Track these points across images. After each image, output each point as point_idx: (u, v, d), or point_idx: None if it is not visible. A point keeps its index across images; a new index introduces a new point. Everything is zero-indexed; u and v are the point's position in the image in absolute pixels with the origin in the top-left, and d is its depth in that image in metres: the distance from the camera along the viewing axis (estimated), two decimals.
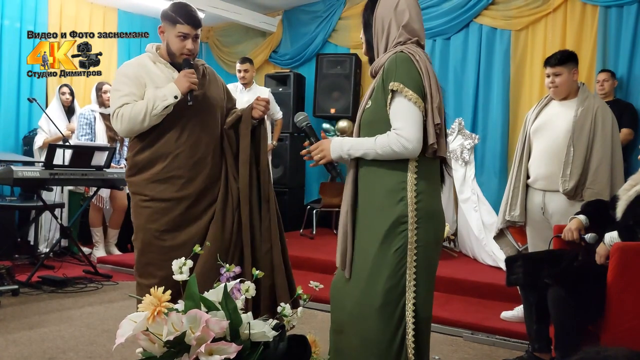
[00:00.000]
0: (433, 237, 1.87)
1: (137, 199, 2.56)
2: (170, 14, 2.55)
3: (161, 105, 2.42)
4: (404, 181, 1.84)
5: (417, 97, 1.80)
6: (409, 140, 1.78)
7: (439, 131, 1.84)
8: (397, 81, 1.81)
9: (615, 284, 2.58)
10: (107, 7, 6.90)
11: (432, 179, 1.90)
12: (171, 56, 2.59)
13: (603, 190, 3.24)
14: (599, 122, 3.30)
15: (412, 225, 1.81)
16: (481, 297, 4.17)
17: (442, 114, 1.86)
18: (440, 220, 1.94)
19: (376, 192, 1.88)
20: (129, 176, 2.58)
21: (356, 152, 1.89)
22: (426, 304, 1.86)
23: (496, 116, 5.82)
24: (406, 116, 1.80)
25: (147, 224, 2.51)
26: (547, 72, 3.46)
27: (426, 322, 1.88)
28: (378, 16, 1.97)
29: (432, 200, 1.88)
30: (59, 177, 4.42)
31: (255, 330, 1.59)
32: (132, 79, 2.52)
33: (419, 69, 1.83)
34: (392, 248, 1.82)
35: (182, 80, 2.46)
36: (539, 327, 2.93)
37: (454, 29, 6.14)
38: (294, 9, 7.45)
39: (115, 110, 2.49)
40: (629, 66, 5.09)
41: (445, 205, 5.44)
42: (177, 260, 1.69)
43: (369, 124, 1.92)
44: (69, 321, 3.65)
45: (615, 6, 5.20)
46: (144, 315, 1.48)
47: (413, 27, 1.94)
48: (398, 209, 1.82)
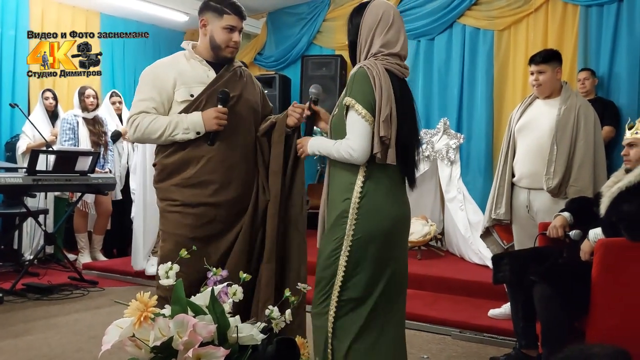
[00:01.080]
0: (372, 233, 2.08)
1: (164, 204, 2.43)
2: (216, 6, 2.44)
3: (180, 136, 2.34)
4: (353, 182, 2.09)
5: (367, 112, 2.02)
6: (354, 149, 2.03)
7: (388, 142, 2.02)
8: (351, 97, 2.05)
9: (599, 280, 2.61)
10: (89, 11, 6.84)
11: (381, 182, 2.10)
12: (215, 50, 2.46)
13: (586, 188, 3.28)
14: (581, 120, 3.33)
15: (352, 221, 2.06)
16: (469, 296, 4.19)
17: (391, 126, 2.02)
18: (384, 218, 2.10)
19: (334, 188, 2.17)
20: (158, 181, 2.46)
21: (323, 151, 2.18)
22: (355, 287, 2.09)
23: (481, 115, 5.85)
24: (355, 129, 2.04)
25: (177, 229, 2.39)
26: (531, 70, 3.49)
27: (355, 302, 2.10)
28: (364, 26, 2.13)
29: (376, 200, 2.08)
30: (43, 183, 4.36)
31: (243, 333, 1.58)
32: (156, 80, 2.41)
33: (373, 85, 2.02)
34: (333, 236, 2.12)
35: (211, 121, 2.34)
36: (525, 324, 2.95)
37: (437, 30, 6.16)
38: (278, 11, 7.44)
39: (132, 116, 2.40)
40: (609, 65, 5.14)
41: (432, 204, 5.48)
42: (164, 265, 1.67)
43: (335, 129, 2.17)
44: (55, 328, 3.61)
45: (596, 5, 5.25)
46: (130, 320, 1.46)
47: (391, 40, 2.11)
48: (343, 205, 2.09)
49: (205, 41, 2.47)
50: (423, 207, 5.41)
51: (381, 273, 2.11)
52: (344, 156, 2.05)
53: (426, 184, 5.43)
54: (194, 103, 2.40)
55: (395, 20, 2.13)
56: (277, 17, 7.46)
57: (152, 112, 2.39)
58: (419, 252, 5.04)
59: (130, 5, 6.55)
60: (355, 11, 2.19)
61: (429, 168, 5.22)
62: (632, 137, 2.83)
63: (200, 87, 2.42)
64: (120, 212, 5.65)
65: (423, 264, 4.84)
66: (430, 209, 5.46)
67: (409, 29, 6.29)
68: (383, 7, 2.13)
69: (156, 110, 2.40)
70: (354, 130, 2.04)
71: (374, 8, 2.13)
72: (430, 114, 6.17)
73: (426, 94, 6.23)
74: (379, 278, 2.10)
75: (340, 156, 2.07)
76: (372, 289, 2.10)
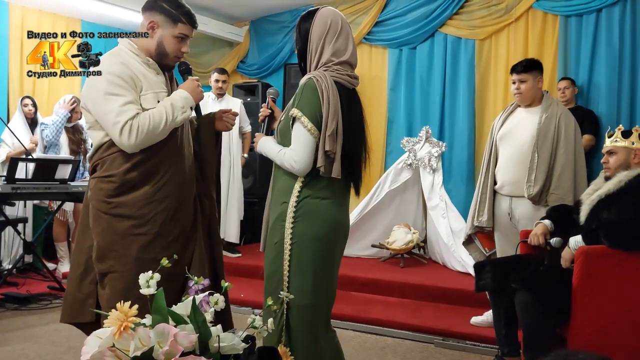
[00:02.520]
0: (308, 237, 2.09)
1: (126, 224, 2.19)
2: (172, 11, 2.26)
3: (181, 117, 2.21)
4: (291, 187, 2.12)
5: (312, 125, 2.05)
6: (297, 161, 2.07)
7: (333, 156, 2.05)
8: (297, 108, 2.07)
9: (580, 287, 2.63)
10: (70, 18, 6.78)
11: (319, 188, 2.11)
12: (161, 56, 2.30)
13: (567, 195, 3.31)
14: (562, 129, 3.37)
15: (289, 225, 2.09)
16: (451, 303, 4.20)
17: (337, 140, 2.05)
18: (321, 222, 2.11)
19: (275, 190, 2.20)
20: (115, 195, 2.20)
21: (268, 154, 2.20)
22: (302, 292, 2.08)
23: (462, 124, 5.90)
24: (299, 141, 2.07)
25: (143, 254, 2.19)
26: (513, 79, 3.53)
27: (305, 308, 2.10)
28: (314, 35, 2.13)
29: (314, 207, 2.10)
30: (22, 191, 4.30)
31: (224, 343, 1.56)
32: (129, 81, 2.19)
33: (321, 98, 2.03)
34: (273, 240, 2.14)
35: (196, 90, 2.29)
36: (507, 332, 2.96)
37: (419, 39, 6.21)
38: (260, 19, 7.44)
39: (127, 122, 2.13)
40: (589, 74, 5.22)
41: (414, 212, 5.50)
42: (144, 274, 1.65)
43: (280, 133, 2.19)
44: (33, 339, 3.55)
45: (575, 15, 5.34)
46: (110, 330, 1.44)
47: (340, 48, 2.13)
48: (280, 208, 2.13)
49: (151, 44, 2.29)
50: (405, 215, 5.43)
51: (323, 278, 2.13)
52: (286, 165, 2.10)
53: (408, 192, 5.45)
54: None
55: (344, 27, 2.14)
56: (260, 25, 7.46)
57: (141, 112, 2.20)
58: (401, 260, 5.05)
59: (111, 13, 6.51)
60: (302, 19, 2.19)
61: (411, 176, 5.24)
62: (611, 145, 2.87)
63: (163, 93, 2.29)
64: None
65: (406, 271, 4.85)
66: (412, 216, 5.47)
67: (391, 38, 6.35)
68: (331, 15, 2.15)
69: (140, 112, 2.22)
70: (298, 142, 2.07)
71: (321, 16, 2.14)
72: (412, 122, 6.21)
73: (408, 103, 6.27)
74: (322, 284, 2.13)
75: (282, 164, 2.12)
76: (317, 295, 2.12)
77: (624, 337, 2.64)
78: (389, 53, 6.42)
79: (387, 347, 3.54)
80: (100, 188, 2.23)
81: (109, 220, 2.21)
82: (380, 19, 6.45)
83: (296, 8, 7.05)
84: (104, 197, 2.21)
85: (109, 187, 2.21)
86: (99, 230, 2.23)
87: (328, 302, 2.20)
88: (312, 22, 2.14)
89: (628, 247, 2.62)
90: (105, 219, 2.22)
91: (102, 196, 2.22)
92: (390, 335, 3.75)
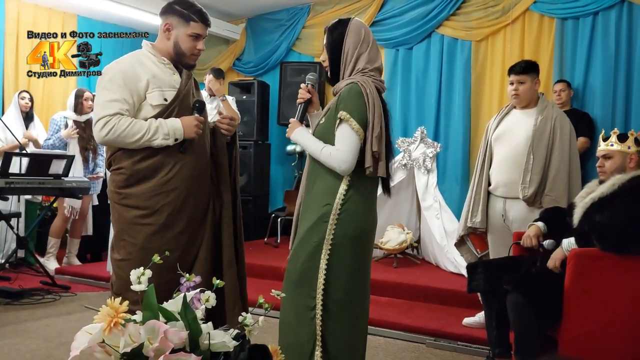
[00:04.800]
0: (351, 236, 2.17)
1: (134, 214, 2.33)
2: (184, 12, 2.38)
3: (159, 142, 2.29)
4: (336, 188, 2.17)
5: (359, 127, 2.14)
6: (344, 161, 2.13)
7: (378, 156, 2.15)
8: (345, 110, 2.15)
9: (572, 289, 2.64)
10: (66, 13, 6.74)
11: (363, 191, 2.21)
12: (179, 56, 2.43)
13: (561, 197, 3.32)
14: (557, 131, 3.38)
15: (332, 225, 2.15)
16: (443, 304, 4.20)
17: (382, 141, 2.16)
18: (362, 223, 2.21)
19: (315, 190, 2.23)
20: (124, 187, 2.34)
21: (306, 148, 2.27)
22: (336, 289, 2.16)
23: (457, 124, 5.91)
24: (346, 141, 2.14)
25: (148, 243, 2.31)
26: (510, 80, 3.53)
27: (341, 304, 2.18)
28: (349, 44, 2.24)
29: (357, 207, 2.19)
30: (15, 186, 4.29)
31: (215, 340, 1.56)
32: (127, 80, 2.31)
33: (366, 102, 2.14)
34: (313, 238, 2.18)
35: (191, 128, 2.34)
36: (499, 333, 2.97)
37: (416, 39, 6.21)
38: (257, 17, 7.43)
39: (106, 117, 2.27)
40: (584, 76, 5.23)
41: (408, 212, 5.50)
42: (135, 270, 1.65)
43: (319, 137, 2.25)
44: (24, 334, 3.54)
45: (572, 18, 5.35)
46: (100, 326, 1.44)
47: (373, 57, 2.27)
48: (324, 209, 2.17)
49: (169, 45, 2.42)
50: (399, 215, 5.43)
51: (360, 276, 2.24)
52: (332, 164, 2.15)
53: (403, 192, 5.46)
54: (167, 108, 2.37)
55: (372, 37, 2.30)
56: (257, 23, 7.46)
57: (125, 114, 2.31)
58: (395, 260, 5.06)
59: (107, 8, 6.49)
60: (332, 29, 2.30)
61: (406, 176, 5.24)
62: (606, 148, 2.86)
63: (172, 91, 2.40)
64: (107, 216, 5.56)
65: (399, 271, 4.85)
66: (406, 217, 5.48)
67: (387, 38, 6.35)
68: (362, 26, 2.29)
69: (128, 112, 2.32)
70: (345, 142, 2.14)
71: (356, 26, 2.26)
72: (407, 123, 6.22)
73: (404, 103, 6.28)
74: (358, 281, 2.24)
75: (326, 163, 2.17)
76: (353, 292, 2.22)
77: (614, 339, 2.65)
78: (385, 53, 6.41)
79: (378, 347, 3.55)
80: (113, 180, 2.39)
81: (120, 210, 2.37)
82: (377, 18, 6.45)
83: (292, 6, 7.06)
84: (116, 188, 2.37)
85: (120, 179, 2.36)
86: (113, 220, 2.43)
87: (365, 298, 2.31)
88: (346, 32, 2.25)
89: (620, 250, 2.63)
90: (116, 208, 2.39)
91: (114, 187, 2.38)
92: (382, 334, 3.75)
